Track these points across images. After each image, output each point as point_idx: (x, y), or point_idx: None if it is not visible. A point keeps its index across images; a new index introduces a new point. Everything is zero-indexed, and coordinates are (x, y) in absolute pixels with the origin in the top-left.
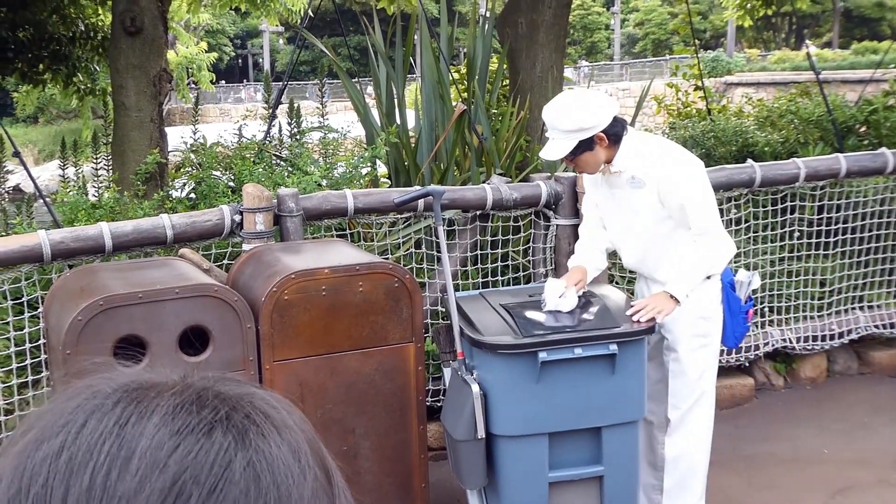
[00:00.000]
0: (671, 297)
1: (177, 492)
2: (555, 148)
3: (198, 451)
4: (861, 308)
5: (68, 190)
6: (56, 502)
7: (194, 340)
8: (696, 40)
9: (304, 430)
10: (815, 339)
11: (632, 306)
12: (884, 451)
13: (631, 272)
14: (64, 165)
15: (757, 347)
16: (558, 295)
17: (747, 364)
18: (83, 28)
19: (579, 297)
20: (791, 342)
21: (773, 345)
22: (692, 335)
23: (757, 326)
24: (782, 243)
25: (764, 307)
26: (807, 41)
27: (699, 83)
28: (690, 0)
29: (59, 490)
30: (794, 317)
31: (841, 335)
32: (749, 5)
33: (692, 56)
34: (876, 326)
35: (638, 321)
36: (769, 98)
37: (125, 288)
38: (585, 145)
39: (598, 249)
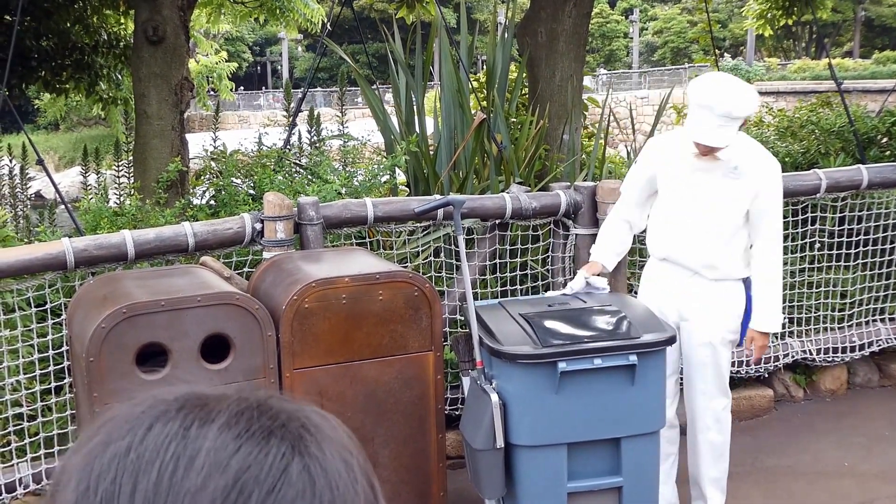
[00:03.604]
0: (766, 333)
1: (239, 489)
2: (724, 135)
3: (258, 453)
4: (882, 320)
5: (90, 197)
6: (125, 497)
7: (216, 348)
8: (716, 49)
9: (354, 444)
10: (835, 350)
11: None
12: None
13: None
14: (85, 172)
15: (777, 359)
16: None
17: (766, 375)
18: (106, 37)
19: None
20: (811, 354)
21: (793, 356)
22: (728, 330)
23: (777, 337)
24: (803, 254)
25: (784, 318)
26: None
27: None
28: (710, 9)
29: (128, 486)
30: (815, 328)
31: (862, 347)
32: (769, 14)
33: (711, 65)
34: None
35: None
36: (789, 107)
37: (148, 296)
38: (737, 131)
39: (620, 236)
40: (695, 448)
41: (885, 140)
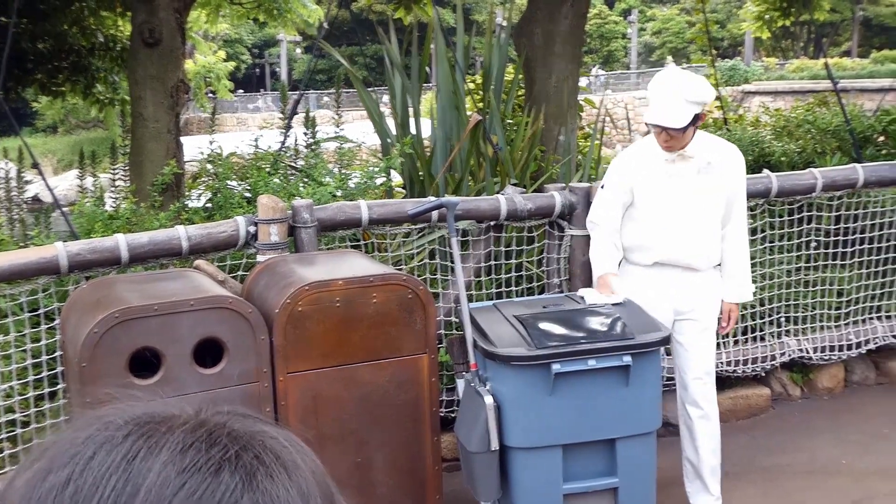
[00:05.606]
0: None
1: None
2: (679, 114)
3: (204, 490)
4: (878, 318)
5: (86, 200)
6: None
7: (209, 353)
8: (714, 49)
9: (315, 471)
10: (832, 349)
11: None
12: None
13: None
14: (82, 176)
15: (773, 357)
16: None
17: (763, 374)
18: (102, 39)
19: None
20: (808, 352)
21: (789, 355)
22: (717, 314)
23: (774, 336)
24: (799, 253)
25: (780, 317)
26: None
27: (716, 92)
28: (708, 9)
29: None
30: (811, 327)
31: (858, 345)
32: (767, 16)
33: (708, 65)
34: (893, 336)
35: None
36: (787, 107)
37: (141, 300)
38: (695, 120)
39: (618, 247)
40: (697, 439)
41: (881, 139)
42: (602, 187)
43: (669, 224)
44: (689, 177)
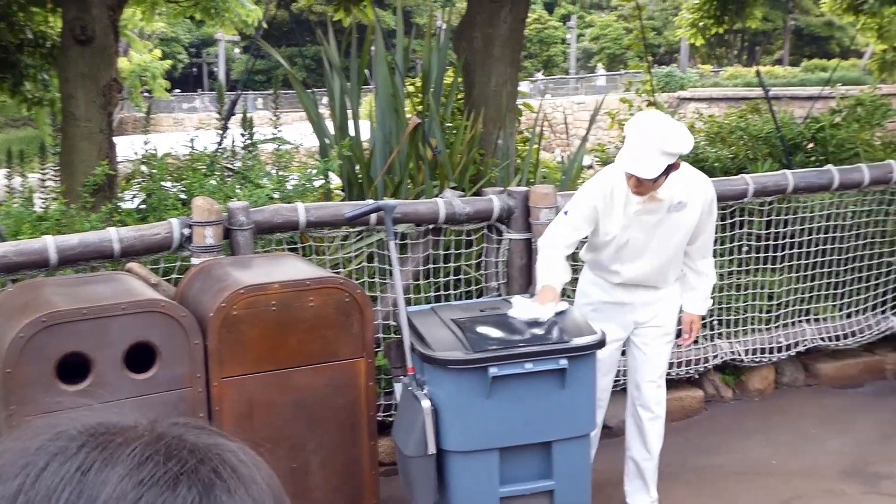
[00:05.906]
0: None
1: None
2: (652, 165)
3: (161, 503)
4: (808, 321)
5: (13, 201)
6: None
7: (141, 357)
8: (651, 56)
9: (272, 486)
10: (763, 351)
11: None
12: (830, 462)
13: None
14: (10, 175)
15: (706, 360)
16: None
17: (697, 376)
18: (31, 36)
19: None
20: (740, 355)
21: (721, 357)
22: (676, 319)
23: (706, 339)
24: (731, 257)
25: (713, 320)
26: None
27: (652, 98)
28: (645, 16)
29: None
30: (743, 330)
31: (788, 347)
32: (701, 24)
33: (644, 72)
34: (822, 339)
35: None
36: (721, 113)
37: (70, 304)
38: (668, 169)
39: (566, 269)
40: (646, 440)
41: (810, 146)
42: (566, 213)
43: (635, 255)
44: (659, 213)
